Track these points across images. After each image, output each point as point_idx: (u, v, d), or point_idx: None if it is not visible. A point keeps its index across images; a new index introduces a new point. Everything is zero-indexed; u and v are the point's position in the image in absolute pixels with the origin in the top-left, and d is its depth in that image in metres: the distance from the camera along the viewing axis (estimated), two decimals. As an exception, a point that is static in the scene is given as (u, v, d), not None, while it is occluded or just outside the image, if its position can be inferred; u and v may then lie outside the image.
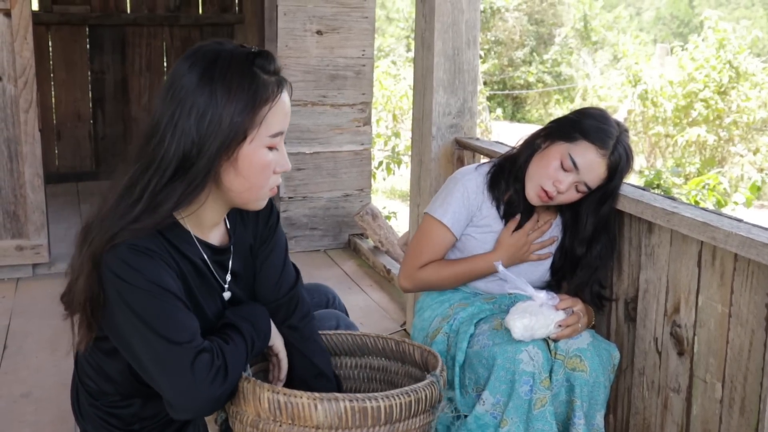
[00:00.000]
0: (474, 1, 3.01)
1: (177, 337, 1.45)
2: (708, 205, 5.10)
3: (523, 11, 19.79)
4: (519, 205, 2.23)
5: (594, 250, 2.22)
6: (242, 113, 1.46)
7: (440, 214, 2.26)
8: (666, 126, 10.52)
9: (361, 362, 1.96)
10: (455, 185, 2.28)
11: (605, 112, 2.19)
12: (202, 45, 1.53)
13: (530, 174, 2.17)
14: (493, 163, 2.32)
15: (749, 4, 39.07)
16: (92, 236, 1.51)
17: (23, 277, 4.04)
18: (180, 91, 1.47)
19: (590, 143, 2.08)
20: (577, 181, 2.11)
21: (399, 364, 1.92)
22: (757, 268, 1.84)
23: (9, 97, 3.83)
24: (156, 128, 1.49)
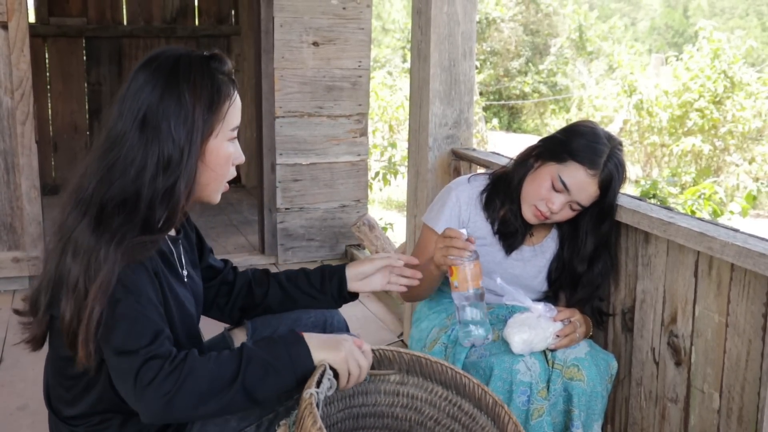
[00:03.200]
0: (470, 13, 3.02)
1: (130, 345, 1.45)
2: (704, 214, 5.11)
3: (518, 22, 19.86)
4: (514, 224, 2.22)
5: (596, 268, 2.22)
6: (209, 111, 1.56)
7: (433, 223, 2.29)
8: (661, 136, 10.55)
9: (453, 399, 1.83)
10: (448, 195, 2.31)
11: (596, 128, 2.18)
12: (159, 52, 1.60)
13: (524, 195, 2.18)
14: (487, 179, 2.32)
15: (743, 14, 39.24)
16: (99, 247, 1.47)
17: (20, 289, 4.03)
18: (146, 99, 1.53)
19: (579, 164, 2.08)
20: (570, 200, 2.11)
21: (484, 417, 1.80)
22: (753, 278, 1.85)
23: (6, 109, 3.83)
24: (122, 138, 1.53)
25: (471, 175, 2.40)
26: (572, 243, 2.24)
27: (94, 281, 1.44)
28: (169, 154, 1.52)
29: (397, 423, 1.83)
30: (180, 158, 1.53)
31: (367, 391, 1.78)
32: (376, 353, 1.73)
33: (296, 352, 1.52)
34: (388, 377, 1.80)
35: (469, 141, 3.10)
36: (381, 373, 1.77)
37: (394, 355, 1.77)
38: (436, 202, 2.35)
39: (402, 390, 1.81)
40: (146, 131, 1.52)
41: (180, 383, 1.42)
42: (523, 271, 2.28)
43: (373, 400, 1.81)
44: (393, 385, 1.81)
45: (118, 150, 1.53)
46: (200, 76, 1.56)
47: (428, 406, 1.82)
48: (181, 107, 1.53)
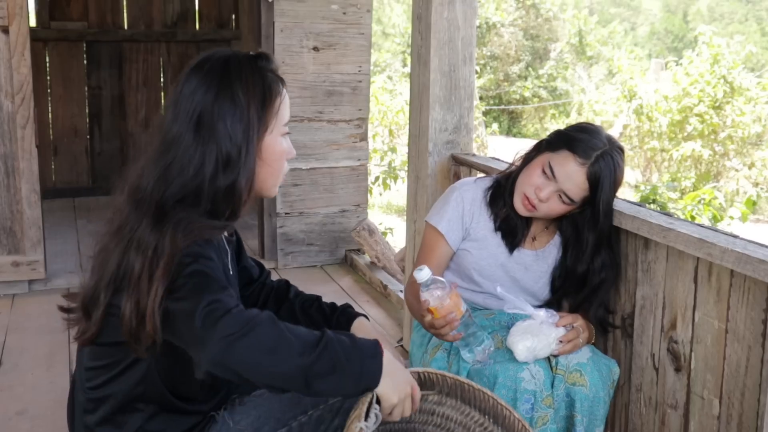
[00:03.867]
0: (470, 18, 3.02)
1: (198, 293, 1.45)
2: (704, 219, 5.11)
3: (518, 26, 19.88)
4: (514, 221, 2.23)
5: (595, 263, 2.21)
6: (263, 108, 1.61)
7: (436, 221, 2.29)
8: (661, 140, 10.56)
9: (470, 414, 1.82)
10: (452, 194, 2.32)
11: (600, 128, 2.20)
12: (209, 55, 1.64)
13: (517, 185, 2.20)
14: (493, 179, 2.34)
15: (743, 18, 39.29)
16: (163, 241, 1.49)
17: (19, 293, 4.03)
18: (200, 101, 1.58)
19: (570, 152, 2.10)
20: (558, 190, 2.12)
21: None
22: (753, 284, 1.85)
23: (6, 113, 3.83)
24: (178, 140, 1.57)
25: (477, 178, 2.41)
26: (575, 248, 2.24)
27: (158, 266, 1.45)
28: (228, 152, 1.57)
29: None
30: (239, 156, 1.57)
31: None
32: (420, 376, 1.70)
33: (369, 367, 1.46)
34: (428, 396, 1.77)
35: (469, 146, 3.10)
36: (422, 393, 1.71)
37: (437, 378, 1.74)
38: (440, 201, 2.36)
39: (438, 410, 1.80)
40: (202, 131, 1.57)
41: (246, 330, 1.39)
42: (525, 276, 2.28)
43: (408, 417, 1.73)
44: (430, 404, 1.79)
45: (174, 150, 1.57)
46: (251, 75, 1.61)
47: (461, 429, 1.81)
48: (236, 106, 1.58)
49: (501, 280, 2.24)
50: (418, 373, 1.68)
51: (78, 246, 4.88)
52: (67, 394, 1.87)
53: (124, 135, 6.43)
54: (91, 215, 5.67)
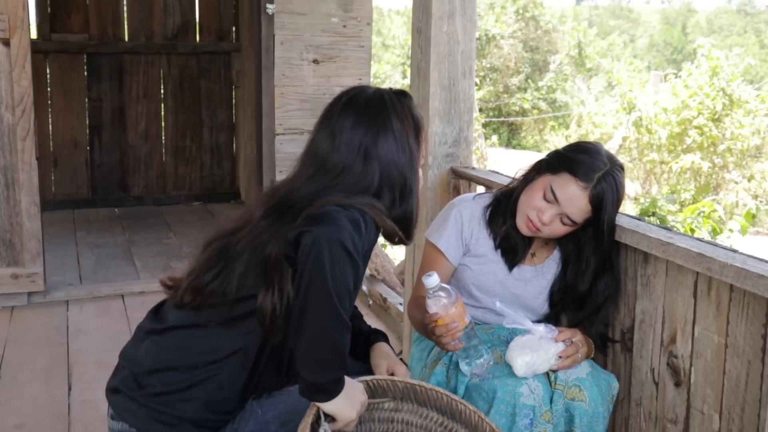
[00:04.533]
0: (469, 32, 3.03)
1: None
2: (703, 232, 5.12)
3: (518, 38, 19.95)
4: (515, 238, 2.23)
5: (598, 286, 2.20)
6: (416, 141, 1.82)
7: (435, 239, 2.29)
8: (661, 153, 10.59)
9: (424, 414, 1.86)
10: (450, 211, 2.31)
11: (599, 147, 2.19)
12: (358, 92, 1.82)
13: (519, 206, 2.19)
14: (492, 196, 2.33)
15: (741, 31, 39.39)
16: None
17: (18, 305, 4.02)
18: (364, 138, 1.75)
19: (571, 176, 2.08)
20: (560, 213, 2.11)
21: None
22: (752, 299, 1.85)
23: (6, 125, 3.84)
24: (344, 169, 1.73)
25: (476, 194, 2.41)
26: (575, 265, 2.23)
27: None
28: (401, 184, 1.77)
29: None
30: (409, 184, 1.78)
31: (361, 420, 1.76)
32: (369, 384, 1.74)
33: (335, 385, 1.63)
34: (383, 404, 1.80)
35: (469, 159, 3.11)
36: (375, 402, 1.77)
37: (388, 384, 1.78)
38: (439, 218, 2.36)
39: (396, 416, 1.82)
40: (371, 163, 1.73)
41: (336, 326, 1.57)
42: (524, 291, 2.27)
43: (367, 428, 1.81)
44: (387, 412, 1.81)
45: (341, 179, 1.72)
46: (403, 111, 1.81)
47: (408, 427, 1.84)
48: (397, 141, 1.77)
49: (500, 295, 2.24)
50: (366, 381, 1.73)
51: (77, 258, 4.87)
52: (65, 408, 1.87)
53: (124, 147, 6.44)
54: (91, 227, 5.68)
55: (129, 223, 5.83)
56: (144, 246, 5.21)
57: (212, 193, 6.72)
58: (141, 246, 5.21)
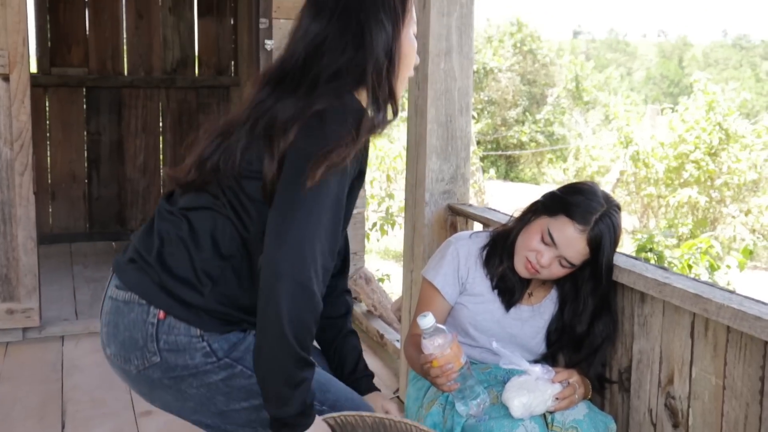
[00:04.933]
0: (466, 69, 3.05)
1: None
2: (701, 268, 5.12)
3: (515, 72, 20.09)
4: (512, 279, 2.23)
5: (596, 328, 2.19)
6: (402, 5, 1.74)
7: (432, 276, 2.28)
8: (658, 187, 10.62)
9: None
10: (447, 249, 2.31)
11: (595, 187, 2.18)
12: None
13: (517, 248, 2.18)
14: (488, 236, 2.33)
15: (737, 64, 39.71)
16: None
17: (12, 341, 4.00)
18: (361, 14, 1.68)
19: (569, 219, 2.08)
20: (558, 255, 2.10)
21: None
22: (750, 341, 1.84)
23: (5, 160, 3.85)
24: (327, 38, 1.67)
25: (473, 232, 2.40)
26: (573, 306, 2.22)
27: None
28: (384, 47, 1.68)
29: None
30: (393, 50, 1.70)
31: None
32: (337, 420, 1.72)
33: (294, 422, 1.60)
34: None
35: (466, 196, 3.11)
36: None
37: (357, 420, 1.74)
38: (436, 256, 2.35)
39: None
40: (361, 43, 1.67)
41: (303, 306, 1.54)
42: (521, 331, 2.27)
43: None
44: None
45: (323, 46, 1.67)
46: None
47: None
48: (386, 15, 1.69)
49: (497, 335, 2.23)
50: (333, 418, 1.70)
51: (74, 292, 4.86)
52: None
53: (122, 180, 6.45)
54: (88, 261, 5.66)
55: (126, 256, 5.82)
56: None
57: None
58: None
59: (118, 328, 1.70)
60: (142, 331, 1.66)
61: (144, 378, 1.70)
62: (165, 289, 1.66)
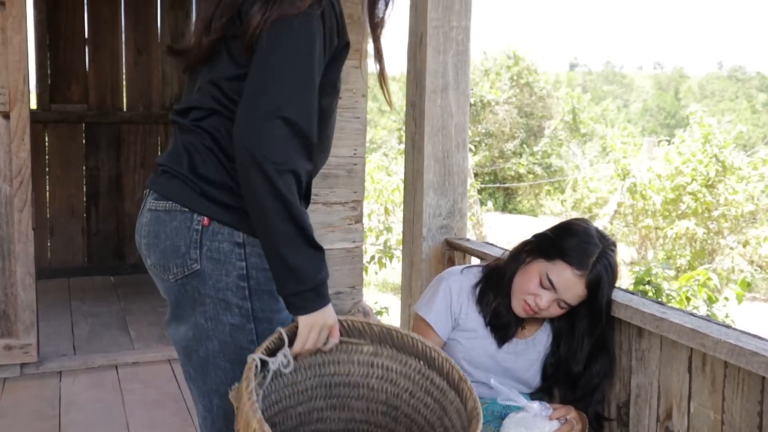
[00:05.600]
0: (462, 106, 3.09)
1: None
2: (699, 301, 5.13)
3: (512, 104, 20.21)
4: (506, 316, 2.23)
5: (593, 369, 2.20)
6: None
7: (424, 312, 2.28)
8: (655, 218, 10.64)
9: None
10: (439, 284, 2.31)
11: (589, 227, 2.18)
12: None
13: (514, 289, 2.18)
14: (480, 271, 2.34)
15: (733, 96, 39.97)
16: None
17: (10, 377, 3.98)
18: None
19: (567, 264, 2.08)
20: (557, 298, 2.11)
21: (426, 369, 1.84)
22: (747, 376, 1.84)
23: (4, 196, 3.86)
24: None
25: (464, 267, 2.41)
26: (568, 341, 2.22)
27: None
28: None
29: (373, 394, 1.83)
30: None
31: (339, 361, 1.79)
32: (344, 323, 1.75)
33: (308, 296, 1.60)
34: (361, 348, 1.80)
35: (463, 231, 3.13)
36: (352, 341, 1.78)
37: (364, 327, 1.78)
38: (428, 291, 2.35)
39: (376, 361, 1.82)
40: None
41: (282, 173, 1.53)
42: (515, 364, 2.27)
43: (346, 370, 1.81)
44: (366, 356, 1.81)
45: None
46: None
47: (403, 379, 1.83)
48: None
49: (492, 369, 2.23)
50: (341, 321, 1.73)
51: (72, 328, 4.85)
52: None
53: (120, 215, 6.45)
54: (86, 296, 5.65)
55: (124, 291, 5.81)
56: (139, 315, 5.19)
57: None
58: (136, 315, 5.18)
59: (159, 237, 1.71)
60: (186, 238, 1.67)
61: (179, 288, 1.71)
62: (205, 195, 1.67)
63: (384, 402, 1.84)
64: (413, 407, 1.83)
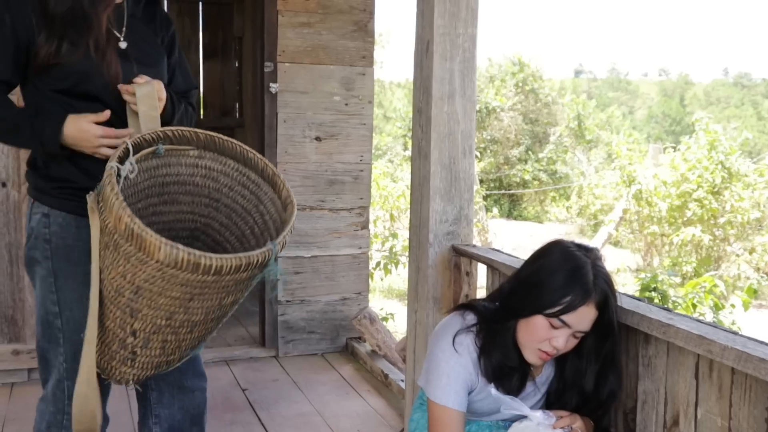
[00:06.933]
0: (469, 112, 3.09)
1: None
2: (705, 308, 5.12)
3: (518, 111, 20.21)
4: (512, 371, 2.09)
5: (604, 387, 2.13)
6: None
7: (444, 400, 2.09)
8: (661, 225, 10.62)
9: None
10: (448, 365, 2.10)
11: (569, 254, 2.03)
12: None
13: (522, 342, 2.05)
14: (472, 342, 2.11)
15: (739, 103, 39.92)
16: None
17: (18, 381, 4.00)
18: None
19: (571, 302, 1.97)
20: (572, 332, 2.01)
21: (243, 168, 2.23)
22: (755, 382, 1.84)
23: (12, 202, 3.88)
24: None
25: (454, 342, 2.11)
26: (575, 363, 2.13)
27: None
28: None
29: (198, 189, 2.22)
30: None
31: (169, 164, 2.14)
32: (174, 133, 2.09)
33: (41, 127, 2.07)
34: (188, 152, 2.15)
35: (470, 237, 3.13)
36: (181, 148, 2.13)
37: (191, 134, 2.12)
38: (440, 372, 2.10)
39: (201, 163, 2.18)
40: None
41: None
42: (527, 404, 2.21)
43: (175, 171, 2.17)
44: (192, 158, 2.17)
45: None
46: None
47: (223, 176, 2.22)
48: None
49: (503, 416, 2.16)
50: (172, 130, 2.08)
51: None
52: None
53: (127, 221, 6.47)
54: (93, 301, 5.67)
55: (131, 297, 5.82)
56: None
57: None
58: None
59: None
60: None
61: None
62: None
63: (207, 196, 2.23)
64: (232, 198, 2.23)
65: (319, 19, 4.43)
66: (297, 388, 4.07)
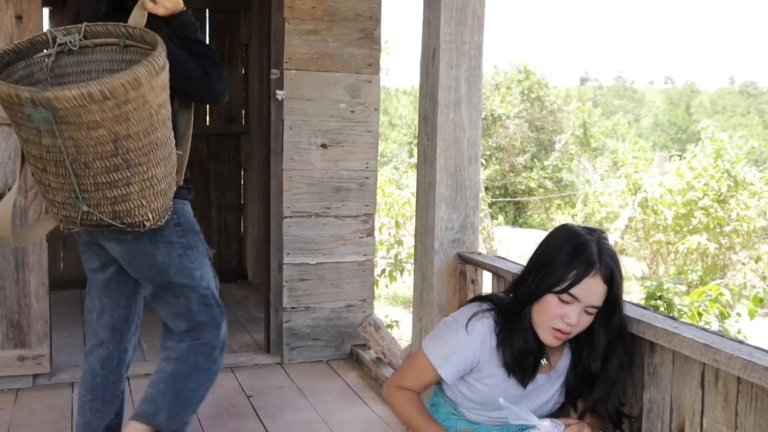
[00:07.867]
0: (475, 120, 3.10)
1: None
2: (711, 316, 5.11)
3: (523, 118, 20.23)
4: (529, 353, 2.13)
5: (611, 363, 2.14)
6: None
7: (438, 362, 2.16)
8: (667, 233, 10.61)
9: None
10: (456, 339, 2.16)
11: (572, 233, 2.11)
12: None
13: (536, 322, 2.10)
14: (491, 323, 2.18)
15: (745, 111, 39.88)
16: None
17: (23, 387, 4.01)
18: None
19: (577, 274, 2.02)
20: (584, 307, 2.05)
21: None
22: (761, 391, 1.84)
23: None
24: None
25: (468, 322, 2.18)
26: (588, 346, 2.16)
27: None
28: None
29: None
30: None
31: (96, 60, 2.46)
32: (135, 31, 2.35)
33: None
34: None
35: (475, 245, 3.13)
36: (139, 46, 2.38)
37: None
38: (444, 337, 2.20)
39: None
40: None
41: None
42: (537, 399, 2.19)
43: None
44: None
45: None
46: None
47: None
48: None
49: None
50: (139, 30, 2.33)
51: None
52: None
53: (133, 227, 6.48)
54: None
55: (136, 303, 5.83)
56: (151, 326, 5.16)
57: (219, 272, 6.70)
58: (148, 326, 5.15)
59: None
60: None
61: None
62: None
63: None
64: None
65: (325, 26, 4.44)
66: (302, 395, 4.07)
